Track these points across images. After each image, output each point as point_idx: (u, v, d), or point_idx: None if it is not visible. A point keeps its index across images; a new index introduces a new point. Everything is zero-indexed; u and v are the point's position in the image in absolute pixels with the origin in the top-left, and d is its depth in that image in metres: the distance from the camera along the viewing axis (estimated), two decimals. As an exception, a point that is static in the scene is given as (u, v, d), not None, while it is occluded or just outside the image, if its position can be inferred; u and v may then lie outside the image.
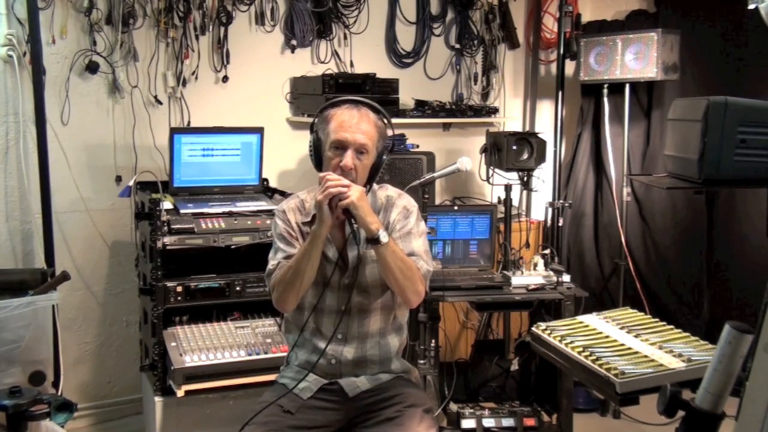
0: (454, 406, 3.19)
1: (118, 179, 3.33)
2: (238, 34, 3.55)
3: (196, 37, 3.43)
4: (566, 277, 3.13)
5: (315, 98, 3.40)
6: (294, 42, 3.68)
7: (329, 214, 2.05)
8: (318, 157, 2.19)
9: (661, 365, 1.76)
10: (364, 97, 2.24)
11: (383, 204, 2.25)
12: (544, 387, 3.36)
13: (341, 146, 2.11)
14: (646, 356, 1.83)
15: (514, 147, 3.32)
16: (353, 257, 2.17)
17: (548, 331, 2.06)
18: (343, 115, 2.13)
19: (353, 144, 2.10)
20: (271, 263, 2.20)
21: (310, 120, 2.28)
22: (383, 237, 2.04)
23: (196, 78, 3.46)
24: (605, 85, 3.98)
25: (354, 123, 2.11)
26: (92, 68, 3.20)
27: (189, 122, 3.44)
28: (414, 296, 2.14)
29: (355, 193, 2.04)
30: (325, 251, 2.15)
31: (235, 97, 3.57)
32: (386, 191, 2.29)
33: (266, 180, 3.27)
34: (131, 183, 3.07)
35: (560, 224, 3.79)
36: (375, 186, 2.24)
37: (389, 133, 2.22)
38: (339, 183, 2.04)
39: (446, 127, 4.20)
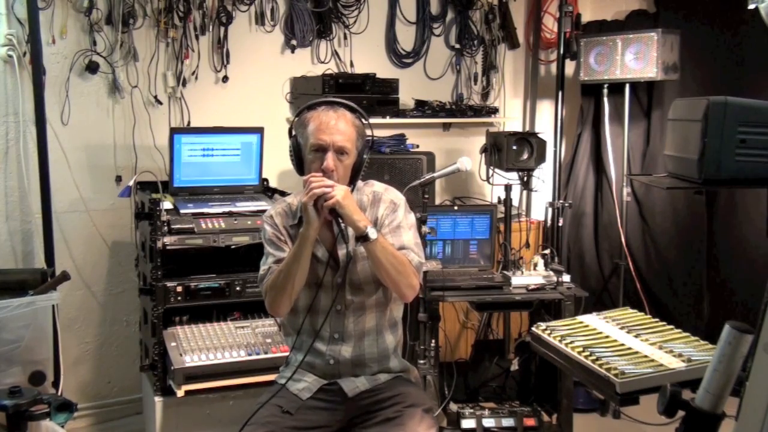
0: (454, 406, 3.19)
1: (118, 179, 3.33)
2: (238, 34, 3.55)
3: (196, 37, 3.43)
4: (566, 277, 3.13)
5: (315, 98, 3.39)
6: (294, 42, 3.68)
7: (316, 215, 2.05)
8: (299, 161, 2.20)
9: (661, 365, 1.76)
10: (340, 98, 2.25)
11: (370, 200, 2.24)
12: (544, 387, 3.36)
13: (321, 149, 2.11)
14: (646, 356, 1.83)
15: (514, 147, 3.32)
16: (344, 255, 2.16)
17: (548, 331, 2.05)
18: (320, 117, 2.13)
19: (332, 146, 2.10)
20: (262, 269, 2.20)
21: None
22: (372, 233, 2.04)
23: (196, 78, 3.46)
24: (605, 85, 3.98)
25: (332, 125, 2.11)
26: (92, 68, 3.20)
27: (189, 122, 3.44)
28: (408, 290, 2.13)
29: (339, 192, 2.04)
30: (315, 252, 2.14)
31: (235, 97, 3.57)
32: (372, 187, 2.28)
33: (266, 180, 3.27)
34: (131, 183, 3.07)
35: (560, 224, 3.78)
36: (360, 183, 2.24)
37: (368, 132, 2.22)
38: (323, 183, 2.04)
39: (446, 127, 4.20)
